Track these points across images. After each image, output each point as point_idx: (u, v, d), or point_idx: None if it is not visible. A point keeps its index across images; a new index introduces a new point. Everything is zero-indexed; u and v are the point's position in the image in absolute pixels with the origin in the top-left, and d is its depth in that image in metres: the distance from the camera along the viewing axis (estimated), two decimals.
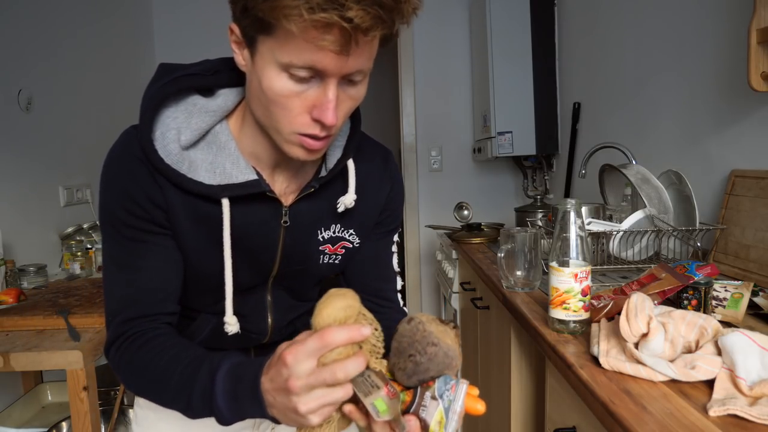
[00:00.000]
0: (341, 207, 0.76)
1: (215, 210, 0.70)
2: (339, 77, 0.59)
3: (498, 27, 2.50)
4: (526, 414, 1.27)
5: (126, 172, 0.68)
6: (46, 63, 2.09)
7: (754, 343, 0.65)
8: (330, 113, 0.59)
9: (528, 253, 1.16)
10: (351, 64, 0.58)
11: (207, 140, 0.70)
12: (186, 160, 0.67)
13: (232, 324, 0.77)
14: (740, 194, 1.22)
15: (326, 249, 0.80)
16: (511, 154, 2.56)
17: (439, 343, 0.55)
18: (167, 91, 0.68)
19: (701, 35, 1.41)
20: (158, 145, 0.66)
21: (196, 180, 0.67)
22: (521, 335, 1.23)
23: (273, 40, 0.57)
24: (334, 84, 0.59)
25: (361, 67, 0.59)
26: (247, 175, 0.69)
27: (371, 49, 0.59)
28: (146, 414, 0.88)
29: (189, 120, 0.68)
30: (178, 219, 0.70)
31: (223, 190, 0.68)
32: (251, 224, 0.73)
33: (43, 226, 2.05)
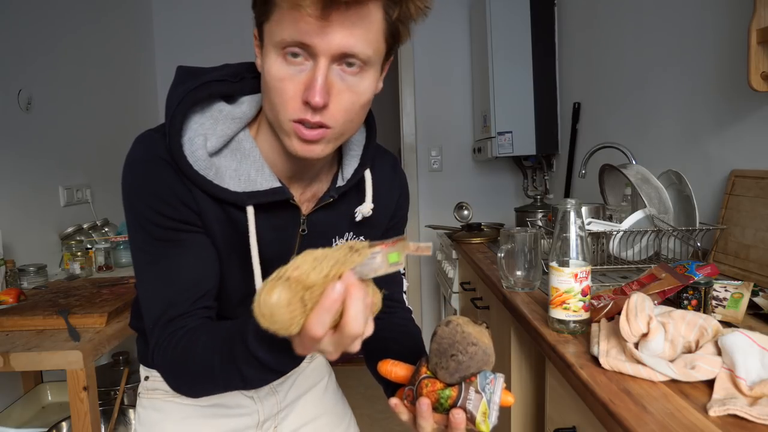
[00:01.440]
0: (359, 216, 0.77)
1: (240, 216, 0.70)
2: (329, 57, 0.58)
3: (498, 27, 2.50)
4: (526, 414, 1.27)
5: (153, 174, 0.66)
6: (46, 63, 2.09)
7: (754, 343, 0.65)
8: (316, 92, 0.58)
9: (528, 253, 1.16)
10: (337, 39, 0.56)
11: (231, 147, 0.70)
12: (213, 167, 0.67)
13: None
14: (740, 194, 1.22)
15: None
16: (511, 154, 2.56)
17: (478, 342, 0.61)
18: (197, 97, 0.67)
19: (701, 35, 1.41)
20: (186, 150, 0.66)
21: (223, 186, 0.67)
22: (521, 335, 1.23)
23: (270, 24, 0.59)
24: (324, 64, 0.58)
25: (351, 46, 0.57)
26: (272, 183, 0.70)
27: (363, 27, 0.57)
28: (149, 414, 0.88)
29: (215, 126, 0.68)
30: (209, 222, 0.69)
31: (249, 198, 0.68)
32: (271, 231, 0.73)
33: (43, 226, 2.05)
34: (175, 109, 0.66)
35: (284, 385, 0.94)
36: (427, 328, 3.27)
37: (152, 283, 0.68)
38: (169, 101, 0.68)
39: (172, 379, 0.66)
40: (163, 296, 0.67)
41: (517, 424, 1.27)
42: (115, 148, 2.55)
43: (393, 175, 0.85)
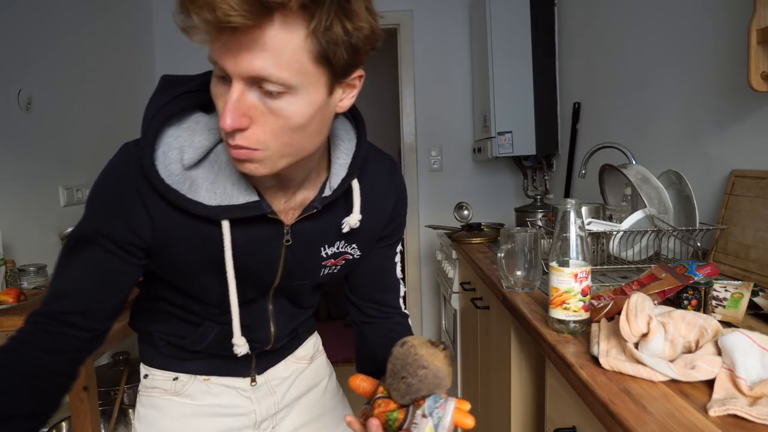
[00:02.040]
0: (346, 228, 0.75)
1: (216, 231, 0.69)
2: (242, 80, 0.56)
3: (498, 27, 2.50)
4: (526, 414, 1.27)
5: (116, 194, 0.66)
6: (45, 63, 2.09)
7: (754, 343, 0.65)
8: (226, 115, 0.56)
9: (528, 253, 1.16)
10: (245, 63, 0.54)
11: (209, 159, 0.68)
12: (188, 180, 0.66)
13: (240, 345, 0.78)
14: (740, 194, 1.22)
15: (328, 263, 0.80)
16: (511, 154, 2.56)
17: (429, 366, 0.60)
18: (171, 110, 0.66)
19: (701, 35, 1.41)
20: (159, 165, 0.65)
21: (196, 201, 0.66)
22: (521, 335, 1.23)
23: None
24: (238, 86, 0.56)
25: (260, 70, 0.54)
26: (248, 197, 0.68)
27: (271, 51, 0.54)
28: (148, 412, 0.88)
29: (192, 138, 0.66)
30: (172, 242, 0.69)
31: (223, 212, 0.67)
32: (252, 243, 0.72)
33: (43, 226, 2.05)
34: (149, 123, 0.65)
35: (282, 385, 0.93)
36: (427, 329, 3.27)
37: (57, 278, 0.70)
38: (146, 113, 0.67)
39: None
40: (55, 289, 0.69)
41: (517, 424, 1.27)
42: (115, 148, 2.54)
43: (389, 182, 0.83)
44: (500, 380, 1.39)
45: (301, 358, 0.97)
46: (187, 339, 0.83)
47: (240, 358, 0.86)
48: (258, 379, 0.90)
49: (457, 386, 2.17)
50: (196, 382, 0.87)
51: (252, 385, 0.90)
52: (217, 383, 0.88)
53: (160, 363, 0.88)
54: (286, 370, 0.94)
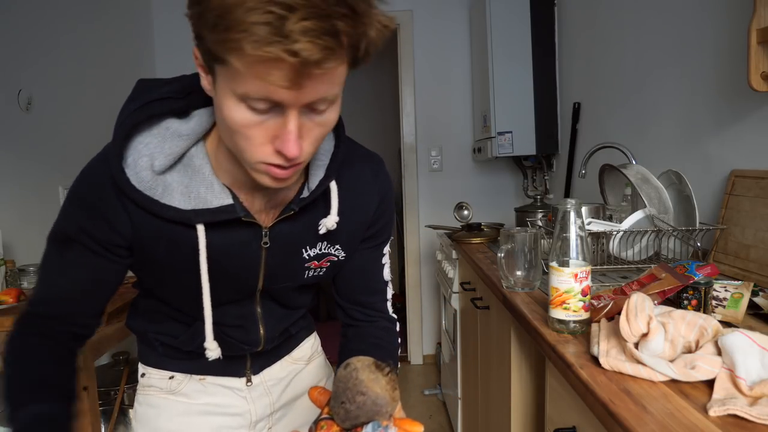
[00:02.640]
0: (323, 229, 0.74)
1: (191, 234, 0.68)
2: (299, 107, 0.55)
3: (498, 27, 2.50)
4: (526, 414, 1.27)
5: (95, 194, 0.67)
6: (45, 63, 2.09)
7: (754, 343, 0.65)
8: (291, 145, 0.56)
9: (528, 253, 1.16)
10: (309, 94, 0.54)
11: (183, 163, 0.68)
12: (160, 185, 0.66)
13: (212, 350, 0.78)
14: (740, 194, 1.22)
15: (312, 265, 0.79)
16: (511, 154, 2.56)
17: (367, 392, 0.58)
18: (138, 119, 0.66)
19: (701, 35, 1.41)
20: (130, 172, 0.65)
21: (169, 205, 0.66)
22: (521, 335, 1.23)
23: (228, 71, 0.54)
24: (295, 115, 0.55)
25: (323, 95, 0.55)
26: (222, 200, 0.68)
27: (332, 77, 0.55)
28: (146, 411, 0.88)
29: (162, 145, 0.66)
30: (149, 245, 0.69)
31: (196, 216, 0.67)
32: (230, 246, 0.72)
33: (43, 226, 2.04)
34: (117, 130, 0.65)
35: (278, 386, 0.93)
36: (427, 329, 3.27)
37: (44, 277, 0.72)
38: (117, 119, 0.67)
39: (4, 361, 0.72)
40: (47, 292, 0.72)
41: (517, 424, 1.27)
42: None
43: (372, 182, 0.81)
44: (500, 380, 1.39)
45: (297, 359, 0.97)
46: (179, 339, 0.83)
47: (235, 358, 0.86)
48: (254, 379, 0.90)
49: (458, 386, 2.17)
50: (192, 382, 0.87)
51: (248, 385, 0.90)
52: (212, 383, 0.88)
53: (156, 362, 0.88)
54: (282, 370, 0.94)
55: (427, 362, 3.28)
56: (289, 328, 0.91)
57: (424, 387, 2.90)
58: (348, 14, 0.50)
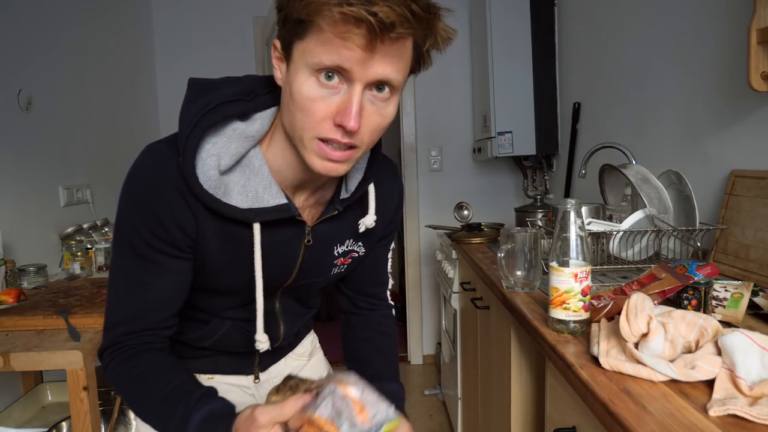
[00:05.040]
0: (362, 228, 0.79)
1: (246, 232, 0.71)
2: (364, 84, 0.60)
3: (498, 27, 2.50)
4: (526, 414, 1.27)
5: (159, 195, 0.67)
6: (46, 63, 2.09)
7: (754, 343, 0.65)
8: (352, 116, 0.60)
9: (528, 253, 1.16)
10: (376, 68, 0.59)
11: (242, 164, 0.70)
12: (222, 185, 0.68)
13: (263, 341, 0.81)
14: (740, 194, 1.22)
15: (338, 262, 0.83)
16: (511, 154, 2.56)
17: None
18: (212, 120, 0.68)
19: (701, 35, 1.41)
20: (199, 171, 0.67)
21: (230, 204, 0.68)
22: (521, 335, 1.23)
23: (305, 44, 0.60)
24: (359, 90, 0.60)
25: (387, 74, 0.60)
26: (278, 200, 0.71)
27: (399, 57, 0.60)
28: None
29: (229, 145, 0.68)
30: (207, 241, 0.71)
31: (255, 215, 0.70)
32: (276, 244, 0.75)
33: (43, 226, 2.05)
34: (191, 131, 0.67)
35: None
36: (427, 329, 3.27)
37: (124, 292, 0.72)
38: (184, 119, 0.68)
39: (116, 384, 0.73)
40: (131, 308, 0.72)
41: (517, 424, 1.27)
42: (115, 147, 2.55)
43: (393, 185, 0.87)
44: (500, 380, 1.39)
45: (300, 354, 1.00)
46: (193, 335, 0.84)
47: (244, 356, 0.89)
48: (261, 376, 0.93)
49: (458, 386, 2.17)
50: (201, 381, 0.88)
51: (255, 382, 0.92)
52: (221, 381, 0.89)
53: None
54: (287, 367, 0.97)
55: (427, 362, 3.28)
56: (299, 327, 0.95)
57: (424, 387, 2.90)
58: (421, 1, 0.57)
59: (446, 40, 0.64)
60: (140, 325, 0.73)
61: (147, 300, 0.72)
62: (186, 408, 0.67)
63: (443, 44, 0.64)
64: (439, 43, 0.63)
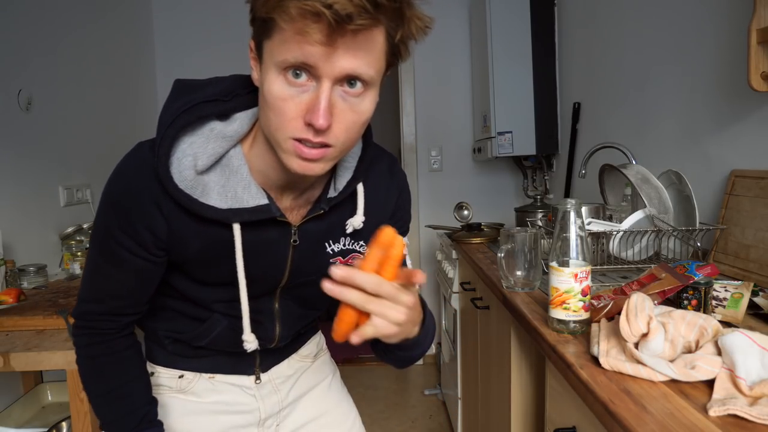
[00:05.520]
0: (350, 229, 0.78)
1: (227, 233, 0.71)
2: (333, 80, 0.58)
3: (498, 27, 2.50)
4: (526, 414, 1.27)
5: (133, 195, 0.68)
6: (46, 63, 2.09)
7: (754, 343, 0.65)
8: (320, 114, 0.58)
9: (528, 253, 1.16)
10: (342, 62, 0.57)
11: (222, 164, 0.70)
12: (200, 185, 0.68)
13: (250, 341, 0.80)
14: (740, 194, 1.22)
15: (337, 261, 0.82)
16: (511, 154, 2.56)
17: None
18: (187, 120, 0.68)
19: (701, 35, 1.41)
20: (174, 171, 0.67)
21: (208, 204, 0.68)
22: (521, 335, 1.23)
23: (272, 42, 0.59)
24: (327, 86, 0.58)
25: (355, 68, 0.58)
26: (258, 200, 0.70)
27: (368, 50, 0.58)
28: None
29: (206, 146, 0.68)
30: (187, 244, 0.72)
31: (234, 215, 0.69)
32: (261, 244, 0.74)
33: (43, 226, 2.05)
34: (165, 131, 0.67)
35: (286, 383, 0.94)
36: None
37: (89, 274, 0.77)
38: (162, 119, 0.68)
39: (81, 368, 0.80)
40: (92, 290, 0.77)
41: (517, 424, 1.27)
42: (115, 147, 2.54)
43: (390, 180, 0.84)
44: (500, 380, 1.39)
45: (304, 356, 0.98)
46: (190, 333, 0.84)
47: (244, 356, 0.87)
48: (262, 377, 0.92)
49: (458, 386, 2.17)
50: (202, 380, 0.88)
51: (256, 383, 0.91)
52: (222, 381, 0.89)
53: (165, 361, 0.88)
54: (290, 368, 0.95)
55: (427, 362, 3.28)
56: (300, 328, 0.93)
57: (424, 387, 2.90)
58: None
59: (422, 29, 0.60)
60: (102, 308, 0.77)
61: (107, 288, 0.75)
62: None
63: (418, 34, 0.61)
64: (413, 32, 0.60)
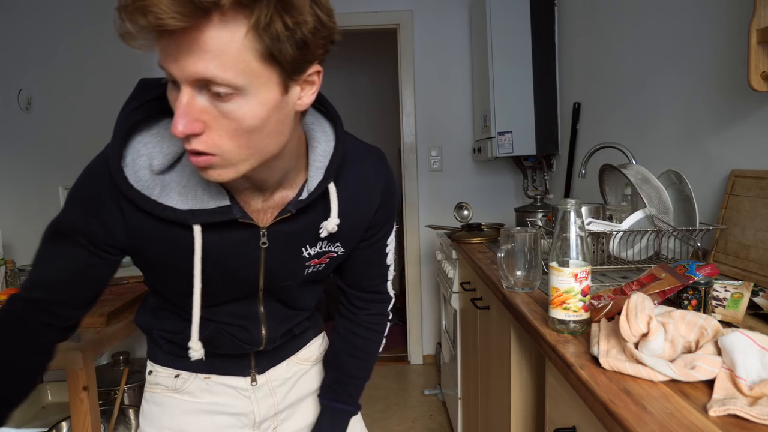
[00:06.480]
0: (324, 233, 0.75)
1: (188, 235, 0.69)
2: (190, 84, 0.55)
3: (498, 27, 2.50)
4: (526, 414, 1.27)
5: (91, 195, 0.68)
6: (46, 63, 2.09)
7: (754, 343, 0.65)
8: (177, 120, 0.55)
9: (528, 253, 1.16)
10: (188, 66, 0.53)
11: (182, 163, 0.68)
12: (158, 185, 0.66)
13: (196, 350, 0.78)
14: (740, 194, 1.22)
15: (312, 263, 0.80)
16: (511, 154, 2.56)
17: None
18: (136, 119, 0.67)
19: (701, 35, 1.41)
20: (128, 171, 0.65)
21: (166, 205, 0.66)
22: (521, 335, 1.23)
23: None
24: (186, 91, 0.55)
25: (203, 72, 0.53)
26: (219, 201, 0.68)
27: (212, 52, 0.52)
28: (152, 409, 0.89)
29: (161, 144, 0.66)
30: (146, 246, 0.70)
31: (193, 216, 0.67)
32: (228, 245, 0.72)
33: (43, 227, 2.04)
34: (116, 130, 0.66)
35: (283, 386, 0.93)
36: (427, 329, 3.27)
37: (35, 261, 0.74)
38: (117, 118, 0.67)
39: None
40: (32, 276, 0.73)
41: (517, 424, 1.27)
42: None
43: (374, 180, 0.80)
44: (500, 380, 1.39)
45: (304, 359, 0.97)
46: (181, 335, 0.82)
47: (239, 357, 0.87)
48: (259, 378, 0.90)
49: (458, 386, 2.17)
50: (197, 380, 0.88)
51: (252, 384, 0.90)
52: (217, 382, 0.88)
53: (162, 360, 0.88)
54: (288, 371, 0.94)
55: (427, 362, 3.28)
56: (292, 329, 0.91)
57: (424, 387, 2.90)
58: None
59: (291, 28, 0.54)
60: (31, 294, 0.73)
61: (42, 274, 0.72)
62: None
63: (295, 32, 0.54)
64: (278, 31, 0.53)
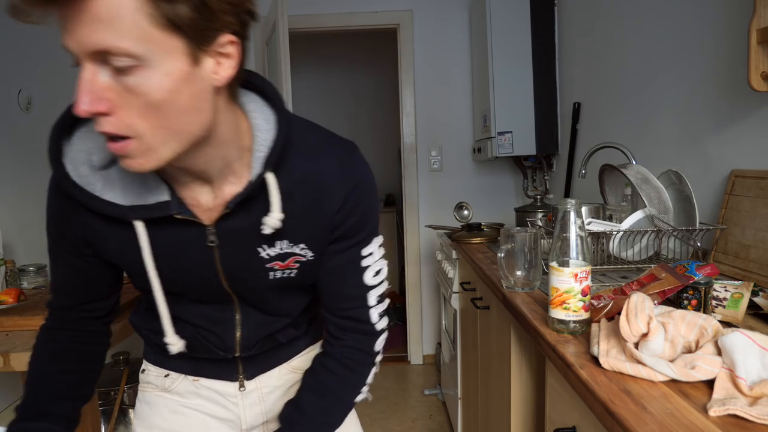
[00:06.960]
0: (267, 229, 0.68)
1: (134, 232, 0.68)
2: (87, 58, 0.52)
3: (498, 27, 2.50)
4: (526, 414, 1.27)
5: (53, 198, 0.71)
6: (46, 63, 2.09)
7: (754, 343, 0.65)
8: (79, 98, 0.52)
9: (528, 253, 1.16)
10: (81, 37, 0.51)
11: None
12: (100, 180, 0.65)
13: (173, 343, 0.78)
14: (740, 194, 1.22)
15: (275, 266, 0.74)
16: (511, 154, 2.56)
17: None
18: (70, 116, 0.65)
19: (701, 35, 1.41)
20: (69, 168, 0.65)
21: (107, 200, 0.65)
22: (521, 335, 1.23)
23: None
24: (86, 66, 0.52)
25: (97, 42, 0.50)
26: (157, 196, 0.66)
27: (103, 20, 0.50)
28: (143, 408, 0.89)
29: (99, 138, 0.65)
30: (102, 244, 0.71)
31: (132, 212, 0.65)
32: (174, 243, 0.70)
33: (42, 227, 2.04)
34: (52, 129, 0.66)
35: (272, 394, 0.90)
36: (427, 329, 3.27)
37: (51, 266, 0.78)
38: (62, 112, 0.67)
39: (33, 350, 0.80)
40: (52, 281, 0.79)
41: (517, 424, 1.27)
42: None
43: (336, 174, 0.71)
44: (500, 380, 1.39)
45: (297, 368, 0.91)
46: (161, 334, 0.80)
47: (226, 362, 0.85)
48: (248, 384, 0.87)
49: (458, 386, 2.17)
50: (185, 381, 0.87)
51: (241, 390, 0.87)
52: (205, 385, 0.87)
53: (154, 359, 0.89)
54: (279, 379, 0.90)
55: (427, 362, 3.28)
56: (274, 335, 0.85)
57: (424, 387, 2.90)
58: None
59: None
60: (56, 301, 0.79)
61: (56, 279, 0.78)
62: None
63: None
64: None
